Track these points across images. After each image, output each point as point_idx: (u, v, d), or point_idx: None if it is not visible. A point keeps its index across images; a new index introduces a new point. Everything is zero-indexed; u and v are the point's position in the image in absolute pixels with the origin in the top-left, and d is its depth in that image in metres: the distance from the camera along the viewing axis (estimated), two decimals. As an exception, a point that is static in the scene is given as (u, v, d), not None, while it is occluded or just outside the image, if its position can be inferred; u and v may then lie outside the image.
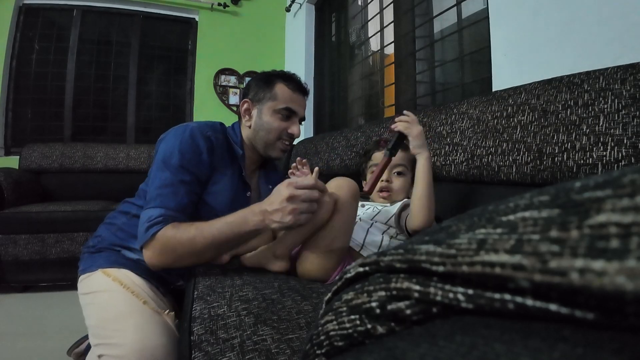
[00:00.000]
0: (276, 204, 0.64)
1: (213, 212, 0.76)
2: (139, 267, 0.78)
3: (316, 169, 0.75)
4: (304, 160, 0.90)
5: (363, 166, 0.92)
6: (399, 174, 0.83)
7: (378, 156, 0.85)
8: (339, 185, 0.70)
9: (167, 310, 0.74)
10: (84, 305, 0.76)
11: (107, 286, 0.74)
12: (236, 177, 0.84)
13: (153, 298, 0.75)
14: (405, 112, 0.75)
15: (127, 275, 0.76)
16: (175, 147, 0.75)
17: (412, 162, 0.83)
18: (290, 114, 0.85)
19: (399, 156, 0.82)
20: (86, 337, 0.99)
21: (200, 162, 0.77)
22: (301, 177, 0.69)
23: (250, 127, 0.87)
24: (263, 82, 0.86)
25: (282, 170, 1.07)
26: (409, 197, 0.85)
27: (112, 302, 0.72)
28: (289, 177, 0.87)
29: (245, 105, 0.87)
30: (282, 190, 0.64)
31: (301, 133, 0.88)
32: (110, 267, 0.78)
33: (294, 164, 0.90)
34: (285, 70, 0.90)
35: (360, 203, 0.85)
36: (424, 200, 0.68)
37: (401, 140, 0.73)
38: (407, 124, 0.72)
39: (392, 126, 0.73)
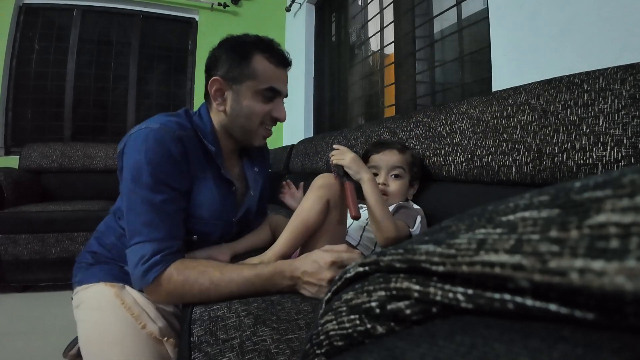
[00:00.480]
0: (314, 278, 0.56)
1: (203, 222, 0.70)
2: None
3: (301, 183, 0.72)
4: (287, 181, 0.90)
5: None
6: (396, 176, 0.82)
7: (376, 158, 0.84)
8: (327, 185, 0.67)
9: (167, 338, 0.67)
10: (77, 320, 0.70)
11: (102, 303, 0.67)
12: (217, 177, 0.72)
13: (155, 320, 0.68)
14: (334, 145, 0.77)
15: (129, 293, 0.69)
16: (141, 160, 0.60)
17: (409, 164, 0.84)
18: (274, 95, 0.71)
19: (396, 158, 0.82)
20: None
21: (176, 170, 0.63)
22: (347, 255, 0.57)
23: (224, 111, 0.71)
24: (237, 54, 0.69)
25: (267, 153, 0.94)
26: (408, 199, 0.85)
27: (103, 323, 0.65)
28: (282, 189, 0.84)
29: (216, 85, 0.69)
30: (324, 267, 0.55)
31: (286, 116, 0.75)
32: (113, 281, 0.71)
33: (281, 187, 0.87)
34: (261, 36, 0.73)
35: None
36: (379, 221, 0.66)
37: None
38: (339, 155, 0.72)
39: (330, 162, 0.74)
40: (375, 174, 0.84)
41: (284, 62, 0.71)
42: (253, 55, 0.68)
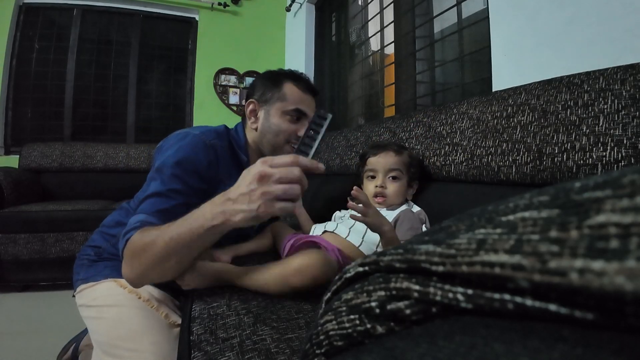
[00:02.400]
0: (243, 187, 0.49)
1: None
2: None
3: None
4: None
5: (360, 169, 0.92)
6: (393, 178, 0.81)
7: (373, 161, 0.85)
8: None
9: None
10: (87, 318, 0.71)
11: (118, 299, 0.69)
12: None
13: (174, 310, 0.71)
14: (354, 192, 0.61)
15: (144, 288, 0.70)
16: (170, 156, 0.67)
17: (407, 165, 0.83)
18: (299, 116, 0.80)
19: (393, 160, 0.82)
20: (71, 343, 0.98)
21: (196, 172, 0.68)
22: (277, 158, 0.50)
23: (256, 129, 0.81)
24: (270, 81, 0.80)
25: None
26: (407, 199, 0.85)
27: (124, 318, 0.66)
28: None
29: (251, 106, 0.81)
30: (251, 169, 0.50)
31: None
32: (121, 277, 0.69)
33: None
34: (292, 69, 0.85)
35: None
36: None
37: None
38: (362, 215, 0.63)
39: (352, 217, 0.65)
40: (373, 177, 0.84)
41: (310, 89, 0.83)
42: (284, 82, 0.80)
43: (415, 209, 0.81)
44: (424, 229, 0.73)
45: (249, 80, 2.85)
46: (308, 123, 0.68)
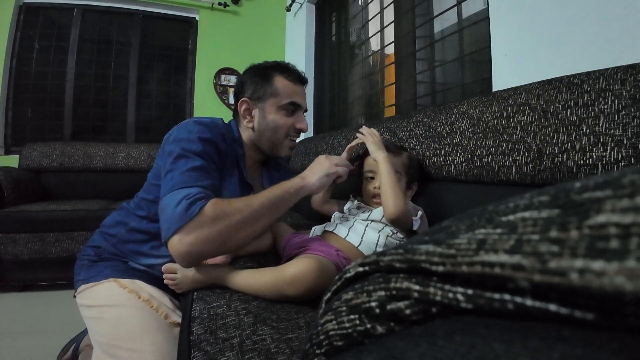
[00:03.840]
0: (316, 164, 0.74)
1: None
2: (150, 277, 0.75)
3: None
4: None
5: (360, 170, 0.92)
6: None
7: (371, 162, 0.85)
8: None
9: None
10: (87, 318, 0.71)
11: (118, 299, 0.69)
12: (240, 179, 0.80)
13: (174, 309, 0.71)
14: (362, 129, 0.87)
15: (142, 287, 0.72)
16: (193, 136, 0.68)
17: (405, 167, 0.83)
18: (295, 108, 0.80)
19: (391, 162, 0.82)
20: (71, 343, 0.98)
21: (217, 155, 0.71)
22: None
23: (252, 128, 0.80)
24: (260, 77, 0.79)
25: (285, 168, 1.04)
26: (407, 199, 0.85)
27: (124, 318, 0.67)
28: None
29: (245, 105, 0.80)
30: (317, 158, 0.76)
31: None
32: (121, 277, 0.73)
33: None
34: (278, 60, 0.84)
35: (356, 205, 0.86)
36: (388, 190, 0.72)
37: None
38: (363, 138, 0.84)
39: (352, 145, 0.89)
40: (372, 178, 0.84)
41: (300, 79, 0.82)
42: (273, 76, 0.79)
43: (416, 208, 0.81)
44: (420, 213, 0.75)
45: (240, 77, 2.84)
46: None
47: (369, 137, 0.83)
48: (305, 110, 0.84)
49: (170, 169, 0.64)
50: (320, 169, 0.72)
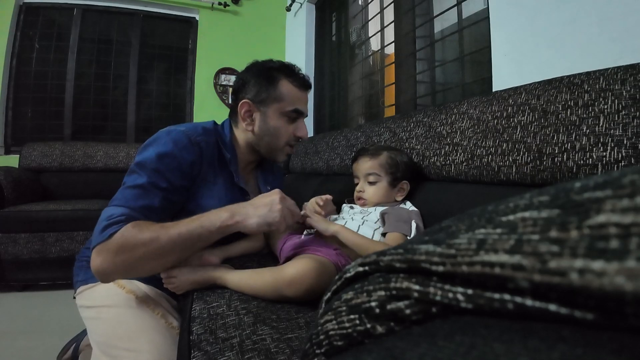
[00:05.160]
0: (265, 200, 0.61)
1: None
2: (148, 278, 0.73)
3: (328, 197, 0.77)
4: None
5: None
6: (370, 182, 0.83)
7: (354, 167, 0.87)
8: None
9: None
10: (86, 319, 0.71)
11: (116, 300, 0.69)
12: (228, 184, 0.77)
13: (170, 311, 0.71)
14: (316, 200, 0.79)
15: (139, 288, 0.71)
16: (153, 152, 0.66)
17: (385, 167, 0.83)
18: (297, 116, 0.78)
19: (368, 165, 0.83)
20: (71, 343, 0.98)
21: (178, 168, 0.67)
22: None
23: (252, 131, 0.78)
24: (264, 79, 0.76)
25: (279, 171, 1.04)
26: (396, 200, 0.84)
27: (122, 318, 0.66)
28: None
29: (246, 107, 0.76)
30: (272, 193, 0.63)
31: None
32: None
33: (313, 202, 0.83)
34: (283, 61, 0.81)
35: (349, 205, 0.87)
36: (364, 249, 0.67)
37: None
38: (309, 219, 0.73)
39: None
40: (357, 182, 0.87)
41: (305, 85, 0.79)
42: (279, 79, 0.76)
43: (411, 208, 0.81)
44: (413, 225, 0.73)
45: (243, 74, 2.84)
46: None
47: (313, 217, 0.73)
48: (305, 116, 0.83)
49: (123, 182, 0.66)
50: (266, 213, 0.60)
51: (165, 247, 0.58)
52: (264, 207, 0.60)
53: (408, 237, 0.70)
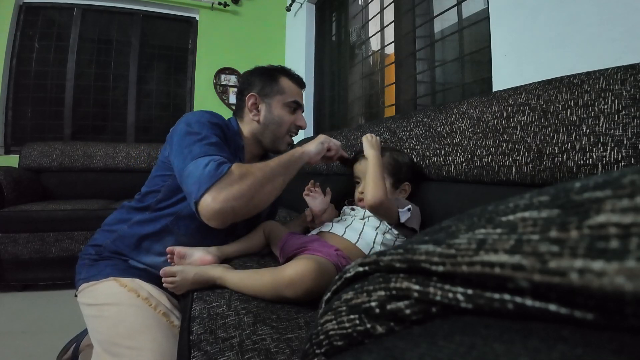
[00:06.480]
0: (312, 140, 0.84)
1: None
2: (150, 276, 0.75)
3: (327, 189, 0.86)
4: (317, 183, 0.95)
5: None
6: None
7: (355, 167, 0.87)
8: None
9: None
10: (88, 317, 0.72)
11: (118, 298, 0.70)
12: None
13: (172, 310, 0.72)
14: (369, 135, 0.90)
15: (141, 286, 0.72)
16: (203, 120, 0.75)
17: (387, 168, 0.83)
18: (297, 107, 0.89)
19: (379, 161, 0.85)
20: (72, 342, 0.98)
21: (224, 138, 0.77)
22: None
23: (258, 121, 0.87)
24: (267, 76, 0.87)
25: None
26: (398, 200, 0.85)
27: (124, 316, 0.67)
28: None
29: (252, 100, 0.86)
30: (320, 136, 0.85)
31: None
32: (121, 276, 0.73)
33: (307, 186, 0.93)
34: (281, 65, 0.93)
35: (350, 207, 0.87)
36: (369, 182, 0.75)
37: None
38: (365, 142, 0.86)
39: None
40: (358, 183, 0.87)
41: (301, 83, 0.92)
42: (279, 76, 0.88)
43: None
44: (408, 206, 0.76)
45: (247, 75, 2.84)
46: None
47: (368, 137, 0.86)
48: (303, 110, 0.93)
49: (188, 145, 0.70)
50: (316, 140, 0.83)
51: (274, 170, 0.72)
52: (314, 140, 0.83)
53: (400, 210, 0.74)
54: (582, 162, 0.55)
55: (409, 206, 0.76)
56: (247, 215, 0.70)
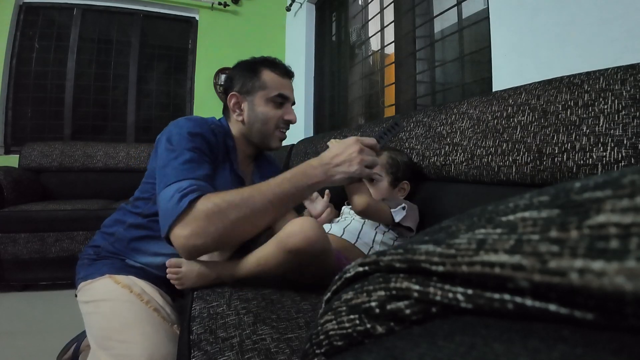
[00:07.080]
0: (343, 156, 0.64)
1: None
2: (145, 274, 0.76)
3: (326, 190, 0.80)
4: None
5: None
6: (370, 181, 0.84)
7: None
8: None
9: (173, 324, 0.71)
10: (85, 314, 0.73)
11: (112, 294, 0.71)
12: (232, 172, 0.81)
13: (163, 306, 0.73)
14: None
15: (135, 282, 0.73)
16: (183, 132, 0.69)
17: (386, 166, 0.84)
18: (283, 101, 0.82)
19: None
20: (72, 343, 0.98)
21: (208, 148, 0.72)
22: (364, 138, 0.68)
23: (242, 121, 0.82)
24: (248, 71, 0.81)
25: (277, 167, 1.04)
26: (395, 198, 0.85)
27: (117, 311, 0.68)
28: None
29: (234, 99, 0.81)
30: (350, 143, 0.65)
31: (297, 118, 0.88)
32: (117, 273, 0.75)
33: None
34: (265, 56, 0.86)
35: (349, 207, 0.87)
36: (351, 188, 0.70)
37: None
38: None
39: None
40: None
41: (287, 73, 0.83)
42: (261, 70, 0.81)
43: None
44: (402, 205, 0.75)
45: (229, 72, 2.84)
46: (393, 127, 0.75)
47: (332, 141, 0.75)
48: (293, 103, 0.86)
49: (163, 165, 0.65)
50: (347, 168, 0.64)
51: (260, 207, 0.60)
52: (344, 164, 0.64)
53: (392, 210, 0.73)
54: (582, 162, 0.55)
55: (403, 204, 0.76)
56: (225, 249, 0.68)
